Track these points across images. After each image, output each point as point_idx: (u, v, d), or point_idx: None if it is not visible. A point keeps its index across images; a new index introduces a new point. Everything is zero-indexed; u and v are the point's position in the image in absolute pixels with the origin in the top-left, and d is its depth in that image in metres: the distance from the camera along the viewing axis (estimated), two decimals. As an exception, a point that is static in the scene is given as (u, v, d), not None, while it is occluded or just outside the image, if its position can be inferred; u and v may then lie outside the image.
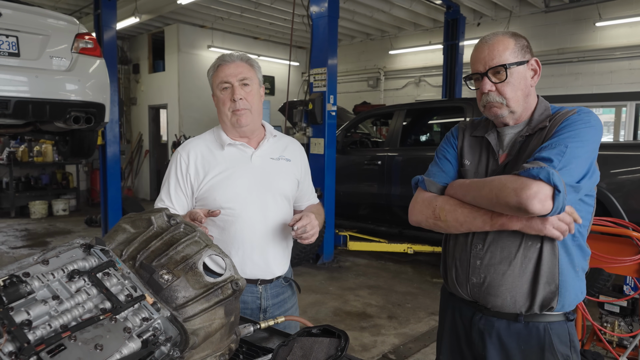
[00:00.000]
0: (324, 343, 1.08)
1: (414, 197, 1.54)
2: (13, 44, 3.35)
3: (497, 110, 1.40)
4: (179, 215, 1.13)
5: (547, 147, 1.27)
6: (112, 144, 6.38)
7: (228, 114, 1.65)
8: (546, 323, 1.37)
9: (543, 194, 1.19)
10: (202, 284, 1.00)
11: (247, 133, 1.69)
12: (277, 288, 1.75)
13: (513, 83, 1.37)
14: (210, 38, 10.37)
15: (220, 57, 1.68)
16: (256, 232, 1.64)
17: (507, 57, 1.36)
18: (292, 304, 1.82)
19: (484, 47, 1.39)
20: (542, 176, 1.19)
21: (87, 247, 0.96)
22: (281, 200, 1.70)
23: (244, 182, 1.64)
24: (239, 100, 1.61)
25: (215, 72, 1.67)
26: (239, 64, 1.65)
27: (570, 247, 1.37)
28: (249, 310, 1.69)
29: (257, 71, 1.71)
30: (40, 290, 0.83)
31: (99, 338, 0.80)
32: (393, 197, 5.52)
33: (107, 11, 6.22)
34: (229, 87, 1.63)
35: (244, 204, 1.63)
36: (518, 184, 1.22)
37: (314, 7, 5.50)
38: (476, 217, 1.35)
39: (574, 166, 1.24)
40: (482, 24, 9.39)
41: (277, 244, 1.70)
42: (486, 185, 1.31)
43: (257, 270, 1.67)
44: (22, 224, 8.14)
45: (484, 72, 1.38)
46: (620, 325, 2.80)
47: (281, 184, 1.71)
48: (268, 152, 1.72)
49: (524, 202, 1.20)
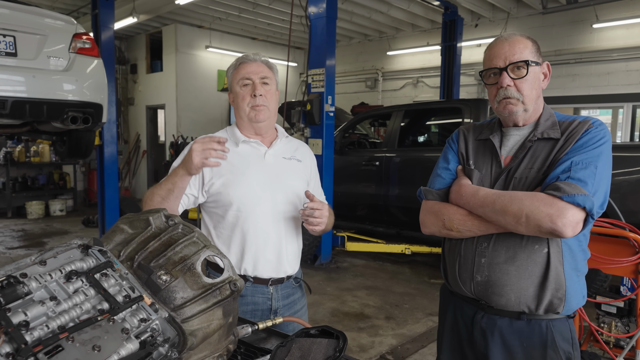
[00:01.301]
0: (322, 344, 1.08)
1: (421, 208, 1.56)
2: (10, 44, 3.33)
3: (513, 107, 1.40)
4: (177, 215, 1.12)
5: (578, 165, 1.26)
6: (110, 144, 6.37)
7: (246, 109, 1.67)
8: (548, 320, 1.38)
9: (577, 221, 1.21)
10: (201, 284, 0.99)
11: (262, 130, 1.72)
12: (287, 289, 1.75)
13: (530, 81, 1.39)
14: (208, 38, 10.36)
15: (242, 56, 1.73)
16: (269, 229, 1.66)
17: (528, 54, 1.38)
18: (301, 306, 1.83)
19: (504, 43, 1.40)
20: (587, 205, 1.20)
21: (84, 247, 0.96)
22: (293, 198, 1.72)
23: (257, 179, 1.66)
24: (259, 96, 1.65)
25: (236, 69, 1.71)
26: (260, 64, 1.70)
27: (577, 252, 1.38)
28: (260, 311, 1.69)
29: (276, 74, 1.76)
30: (38, 291, 0.83)
31: (97, 339, 0.79)
32: (391, 197, 5.52)
33: (104, 11, 6.21)
34: (250, 84, 1.67)
35: (257, 201, 1.65)
36: (554, 209, 1.21)
37: (312, 8, 5.50)
38: (489, 227, 1.36)
39: (602, 189, 1.27)
40: (479, 25, 9.41)
41: (289, 241, 1.72)
42: (514, 202, 1.27)
43: (269, 267, 1.67)
44: (19, 224, 8.12)
45: (504, 67, 1.38)
46: (617, 325, 2.80)
47: (293, 182, 1.73)
48: (281, 152, 1.75)
49: (559, 229, 1.20)
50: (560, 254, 1.34)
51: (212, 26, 10.17)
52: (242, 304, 1.67)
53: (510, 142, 1.45)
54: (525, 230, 1.27)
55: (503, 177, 1.41)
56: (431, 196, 1.52)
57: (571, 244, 1.35)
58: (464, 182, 1.45)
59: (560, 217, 1.19)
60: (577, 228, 1.22)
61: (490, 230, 1.36)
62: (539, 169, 1.36)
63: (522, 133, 1.44)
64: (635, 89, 7.81)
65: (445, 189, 1.51)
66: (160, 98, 10.46)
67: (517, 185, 1.38)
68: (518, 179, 1.38)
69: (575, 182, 1.23)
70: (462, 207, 1.41)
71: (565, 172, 1.26)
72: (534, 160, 1.37)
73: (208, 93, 10.48)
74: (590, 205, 1.20)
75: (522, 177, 1.38)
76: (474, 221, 1.37)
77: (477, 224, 1.37)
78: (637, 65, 7.82)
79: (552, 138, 1.37)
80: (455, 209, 1.43)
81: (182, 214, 6.39)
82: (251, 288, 1.67)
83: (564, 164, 1.28)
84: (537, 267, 1.34)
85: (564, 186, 1.23)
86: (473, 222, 1.38)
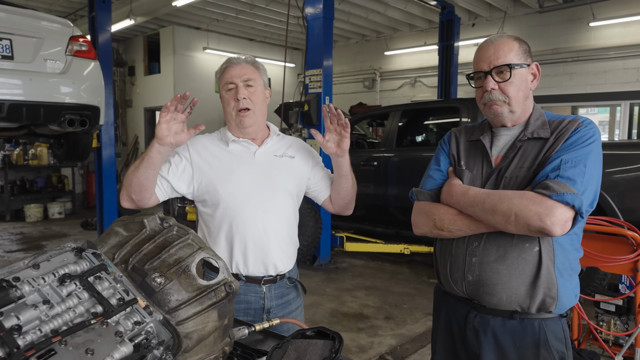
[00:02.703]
0: (318, 345, 1.08)
1: (413, 209, 1.56)
2: (7, 47, 3.33)
3: (498, 108, 1.41)
4: (172, 217, 1.12)
5: (568, 163, 1.26)
6: (108, 147, 6.36)
7: (232, 113, 1.69)
8: (541, 320, 1.37)
9: (566, 219, 1.21)
10: (195, 286, 0.99)
11: (252, 134, 1.73)
12: (281, 289, 1.75)
13: (515, 83, 1.39)
14: (205, 40, 10.37)
15: (227, 60, 1.74)
16: (258, 228, 1.65)
17: (512, 58, 1.38)
18: (297, 306, 1.82)
19: (489, 47, 1.41)
20: (576, 204, 1.20)
21: (78, 250, 0.95)
22: (284, 196, 1.71)
23: (246, 178, 1.66)
24: (242, 99, 1.65)
25: (222, 74, 1.72)
26: (244, 65, 1.70)
27: (569, 251, 1.37)
28: (252, 310, 1.69)
29: (262, 73, 1.75)
30: (31, 295, 0.83)
31: (90, 342, 0.79)
32: (389, 197, 5.52)
33: (101, 14, 6.21)
34: (234, 88, 1.68)
35: (246, 199, 1.64)
36: (543, 208, 1.21)
37: (309, 9, 5.50)
38: (480, 226, 1.36)
39: (592, 188, 1.27)
40: (476, 24, 9.42)
41: (280, 241, 1.70)
42: (503, 201, 1.27)
43: (259, 266, 1.67)
44: (17, 227, 8.10)
45: (488, 70, 1.39)
46: (616, 324, 2.80)
47: (284, 181, 1.72)
48: (272, 150, 1.75)
49: (548, 227, 1.20)
50: (551, 252, 1.33)
51: (209, 28, 10.18)
52: (235, 302, 1.66)
53: (501, 142, 1.46)
54: (515, 229, 1.27)
55: (494, 177, 1.41)
56: (422, 197, 1.52)
57: (563, 242, 1.34)
58: (455, 182, 1.45)
59: (549, 216, 1.19)
60: (566, 227, 1.22)
61: (480, 229, 1.36)
62: (529, 168, 1.36)
63: (512, 133, 1.45)
64: (633, 86, 7.83)
65: (437, 189, 1.51)
66: (158, 100, 10.46)
67: (507, 184, 1.38)
68: (508, 179, 1.38)
69: (565, 180, 1.23)
70: (452, 207, 1.41)
71: (555, 170, 1.26)
72: (524, 159, 1.38)
73: (206, 95, 10.44)
74: (579, 203, 1.20)
75: (512, 176, 1.38)
76: (465, 221, 1.37)
77: (468, 224, 1.37)
78: (634, 63, 7.83)
79: (542, 137, 1.37)
80: (445, 208, 1.43)
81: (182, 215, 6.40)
82: (244, 287, 1.67)
83: (553, 163, 1.28)
84: (528, 266, 1.34)
85: (553, 185, 1.23)
86: (463, 222, 1.38)
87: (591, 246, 2.50)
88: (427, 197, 1.51)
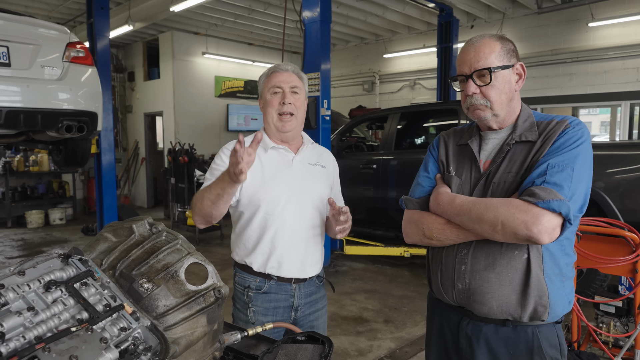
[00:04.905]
0: (308, 350, 1.07)
1: (403, 218, 1.54)
2: (4, 54, 3.34)
3: (481, 113, 1.38)
4: (160, 223, 1.12)
5: (554, 168, 1.22)
6: (107, 152, 6.38)
7: (274, 116, 1.75)
8: (534, 327, 1.34)
9: (554, 227, 1.18)
10: (184, 292, 0.99)
11: (289, 139, 1.80)
12: (311, 287, 1.82)
13: (497, 86, 1.35)
14: (204, 45, 10.39)
15: (275, 65, 1.81)
16: (295, 232, 1.73)
17: (493, 60, 1.33)
18: (322, 305, 1.88)
19: (470, 49, 1.37)
20: (563, 211, 1.16)
21: (65, 257, 0.95)
22: (318, 202, 1.78)
23: (286, 184, 1.74)
24: (288, 104, 1.72)
25: (267, 77, 1.79)
26: (291, 73, 1.78)
27: (559, 257, 1.33)
28: (281, 308, 1.75)
29: (305, 84, 1.83)
30: (15, 302, 0.82)
31: (74, 349, 0.79)
32: (389, 200, 5.51)
33: (100, 20, 6.24)
34: (280, 92, 1.74)
35: (285, 205, 1.72)
36: (529, 216, 1.17)
37: (306, 13, 5.51)
38: (468, 235, 1.33)
39: (580, 192, 1.23)
40: (475, 26, 9.42)
41: (313, 244, 1.78)
42: (489, 210, 1.24)
43: (293, 268, 1.74)
44: (18, 233, 8.11)
45: (469, 74, 1.36)
46: (616, 325, 2.78)
47: (318, 188, 1.80)
48: (307, 158, 1.83)
49: (535, 236, 1.17)
50: (540, 259, 1.30)
51: (208, 32, 10.20)
52: (265, 300, 1.73)
53: (489, 145, 1.42)
54: (502, 238, 1.24)
55: (482, 182, 1.38)
56: (411, 205, 1.49)
57: (552, 248, 1.30)
58: (442, 191, 1.42)
59: (536, 224, 1.16)
60: (554, 234, 1.18)
61: (469, 237, 1.33)
62: (517, 172, 1.32)
63: (500, 136, 1.41)
64: (632, 87, 7.81)
65: (425, 197, 1.48)
66: (158, 105, 10.47)
67: (495, 190, 1.34)
68: (497, 184, 1.34)
69: (551, 186, 1.19)
70: (440, 216, 1.38)
71: (541, 176, 1.22)
72: (512, 164, 1.34)
73: (205, 99, 10.49)
74: (566, 210, 1.17)
75: (500, 181, 1.34)
76: (453, 230, 1.34)
77: (456, 232, 1.34)
78: (633, 63, 7.82)
79: (529, 140, 1.34)
80: (434, 217, 1.40)
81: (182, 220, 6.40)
82: (275, 286, 1.73)
83: (540, 168, 1.25)
84: (517, 274, 1.30)
85: (539, 191, 1.19)
86: (452, 231, 1.35)
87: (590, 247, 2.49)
88: (416, 206, 1.48)
